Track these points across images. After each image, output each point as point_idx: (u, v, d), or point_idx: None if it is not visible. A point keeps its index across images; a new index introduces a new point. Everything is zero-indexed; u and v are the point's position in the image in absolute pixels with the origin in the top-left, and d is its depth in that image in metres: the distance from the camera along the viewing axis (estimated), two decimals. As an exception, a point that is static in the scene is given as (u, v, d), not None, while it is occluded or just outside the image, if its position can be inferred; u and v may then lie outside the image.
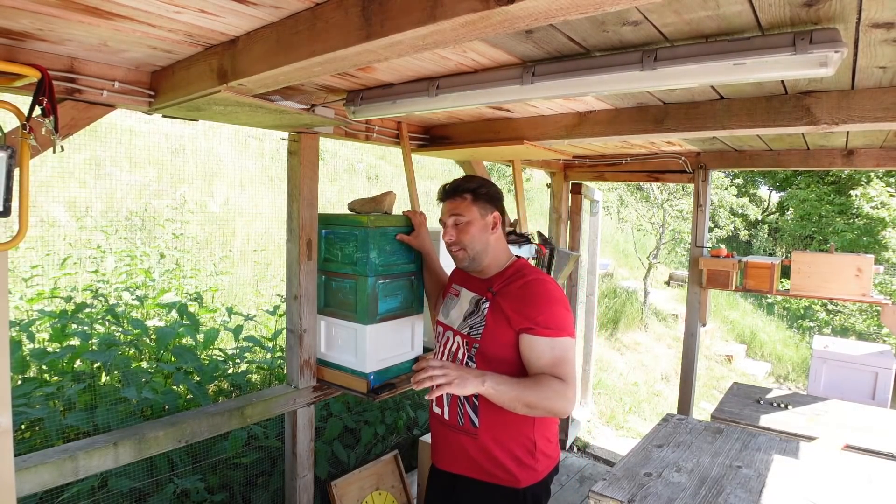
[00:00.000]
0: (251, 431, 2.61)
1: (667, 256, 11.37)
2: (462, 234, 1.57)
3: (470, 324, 1.56)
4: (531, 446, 1.52)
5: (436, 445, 1.68)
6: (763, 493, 1.59)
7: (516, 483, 1.51)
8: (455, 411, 1.57)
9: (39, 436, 2.18)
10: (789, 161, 3.05)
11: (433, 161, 8.69)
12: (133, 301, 3.30)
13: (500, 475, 1.51)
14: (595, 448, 4.27)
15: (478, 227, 1.57)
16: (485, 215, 1.59)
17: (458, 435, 1.57)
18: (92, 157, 4.57)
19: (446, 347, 1.63)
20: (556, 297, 1.49)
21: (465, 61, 1.48)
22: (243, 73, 1.24)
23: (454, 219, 1.59)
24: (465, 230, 1.57)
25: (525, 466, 1.51)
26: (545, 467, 1.56)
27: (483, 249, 1.58)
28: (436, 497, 1.69)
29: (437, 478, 1.68)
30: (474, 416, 1.53)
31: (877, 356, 3.80)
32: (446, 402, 1.60)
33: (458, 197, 1.60)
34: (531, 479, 1.52)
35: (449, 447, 1.61)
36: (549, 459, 1.57)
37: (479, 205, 1.59)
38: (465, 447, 1.55)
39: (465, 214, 1.57)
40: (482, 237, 1.58)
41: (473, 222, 1.57)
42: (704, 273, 3.36)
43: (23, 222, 1.30)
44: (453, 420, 1.58)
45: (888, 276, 9.28)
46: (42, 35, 1.24)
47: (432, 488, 1.72)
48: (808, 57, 1.09)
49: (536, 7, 0.77)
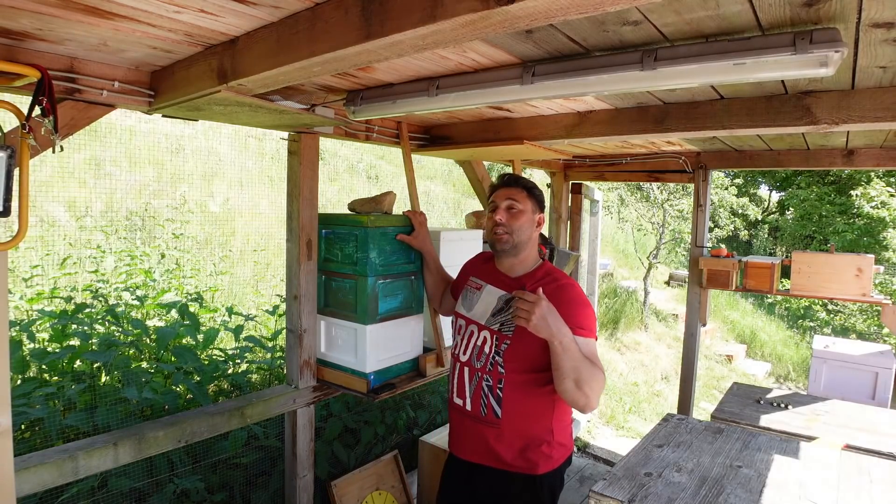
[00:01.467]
0: (251, 431, 2.61)
1: (667, 256, 11.37)
2: (514, 220, 1.64)
3: (500, 320, 1.61)
4: (549, 435, 1.58)
5: (454, 435, 1.74)
6: (763, 493, 1.59)
7: (533, 470, 1.57)
8: (478, 402, 1.63)
9: (39, 436, 2.18)
10: (789, 161, 3.04)
11: (433, 161, 8.69)
12: (133, 301, 3.29)
13: (518, 464, 1.57)
14: (595, 448, 4.27)
15: (528, 219, 1.66)
16: (535, 212, 1.69)
17: (480, 425, 1.62)
18: (92, 157, 4.57)
19: (471, 341, 1.67)
20: (586, 301, 1.58)
21: (465, 61, 1.48)
22: (243, 73, 1.24)
23: (510, 202, 1.65)
24: (518, 217, 1.64)
25: (542, 454, 1.57)
26: (561, 455, 1.62)
27: (525, 241, 1.65)
28: (453, 484, 1.76)
29: (455, 466, 1.75)
30: (498, 407, 1.58)
31: (877, 356, 3.80)
32: (469, 393, 1.65)
33: (516, 187, 1.68)
34: (547, 467, 1.58)
35: (468, 437, 1.66)
36: (564, 448, 1.63)
37: (532, 201, 1.68)
38: (485, 437, 1.61)
39: (521, 203, 1.65)
40: (529, 229, 1.65)
41: (525, 213, 1.65)
42: (704, 273, 3.36)
43: (23, 222, 1.30)
44: (476, 411, 1.63)
45: (888, 276, 9.28)
46: (42, 35, 1.24)
47: (449, 476, 1.78)
48: (809, 57, 1.09)
49: (536, 7, 0.77)
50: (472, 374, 1.65)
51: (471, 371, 1.65)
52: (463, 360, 1.68)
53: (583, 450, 4.23)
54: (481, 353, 1.63)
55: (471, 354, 1.66)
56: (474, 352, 1.65)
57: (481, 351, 1.63)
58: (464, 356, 1.68)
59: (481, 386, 1.62)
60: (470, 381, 1.65)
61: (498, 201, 1.67)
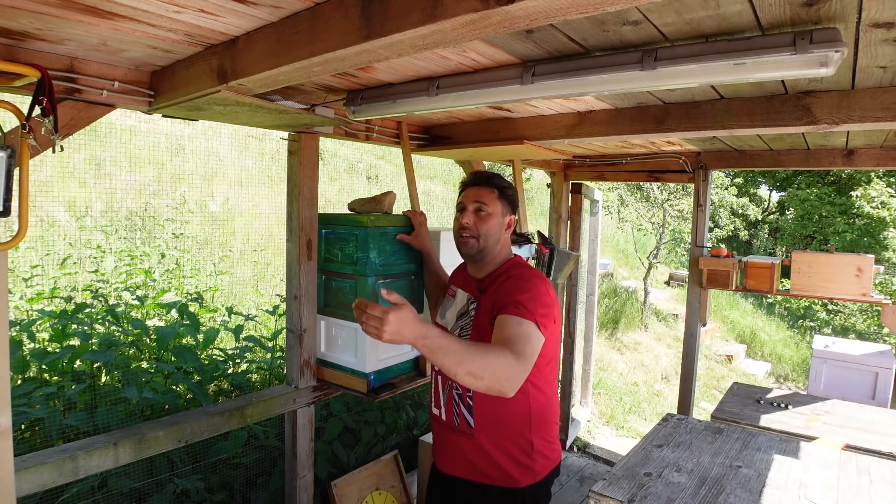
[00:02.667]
0: (251, 431, 2.61)
1: (667, 256, 11.37)
2: (481, 224, 1.57)
3: (461, 324, 1.58)
4: (528, 447, 1.52)
5: (436, 446, 1.70)
6: (763, 492, 1.59)
7: (514, 483, 1.50)
8: (451, 411, 1.58)
9: (39, 436, 2.18)
10: (789, 161, 3.04)
11: (433, 161, 8.69)
12: (133, 301, 3.29)
13: (497, 476, 1.51)
14: (595, 448, 4.27)
15: (496, 222, 1.59)
16: (505, 214, 1.62)
17: (456, 436, 1.57)
18: (92, 157, 4.57)
19: None
20: (538, 289, 1.45)
21: (465, 61, 1.48)
22: (243, 73, 1.24)
23: (477, 205, 1.59)
24: (486, 220, 1.58)
25: (522, 467, 1.51)
26: (543, 468, 1.55)
27: (494, 244, 1.59)
28: (435, 498, 1.70)
29: (437, 479, 1.69)
30: (469, 416, 1.53)
31: (877, 356, 3.80)
32: (443, 402, 1.60)
33: (485, 187, 1.61)
34: (529, 480, 1.52)
35: (447, 449, 1.62)
36: (547, 461, 1.56)
37: (503, 203, 1.61)
38: (462, 448, 1.55)
39: (490, 206, 1.58)
40: (498, 233, 1.59)
41: (494, 216, 1.58)
42: (704, 273, 3.36)
43: (23, 222, 1.30)
44: (450, 420, 1.59)
45: (888, 275, 9.27)
46: (42, 35, 1.24)
47: (432, 489, 1.73)
48: (809, 57, 1.09)
49: (536, 7, 0.77)
50: (444, 382, 1.61)
51: (442, 379, 1.62)
52: (437, 369, 1.64)
53: (583, 450, 4.23)
54: None
55: None
56: None
57: None
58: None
59: (452, 395, 1.57)
60: (443, 388, 1.61)
61: (466, 202, 1.60)
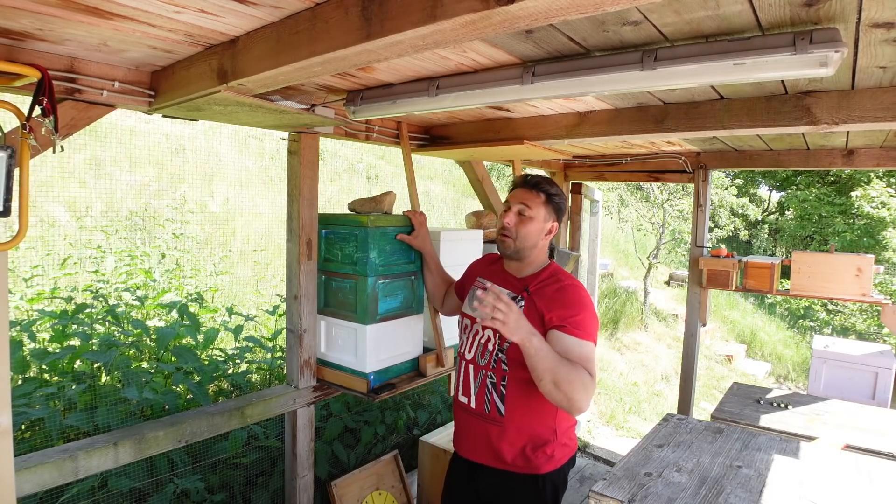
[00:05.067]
0: (251, 431, 2.61)
1: (667, 256, 11.37)
2: (521, 226, 1.61)
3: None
4: (552, 434, 1.58)
5: (459, 433, 1.75)
6: (763, 492, 1.59)
7: (535, 470, 1.57)
8: (482, 399, 1.63)
9: (40, 436, 2.18)
10: (789, 161, 3.04)
11: (433, 161, 8.68)
12: (133, 301, 3.29)
13: (520, 463, 1.58)
14: (595, 448, 4.27)
15: (537, 227, 1.62)
16: (548, 220, 1.64)
17: (483, 423, 1.62)
18: (92, 157, 4.57)
19: (476, 339, 1.68)
20: (588, 304, 1.55)
21: (465, 61, 1.48)
22: (243, 73, 1.24)
23: (521, 207, 1.62)
24: (526, 223, 1.61)
25: (545, 454, 1.58)
26: (563, 455, 1.62)
27: (531, 248, 1.63)
28: (456, 482, 1.77)
29: (459, 464, 1.76)
30: (501, 404, 1.59)
31: (877, 356, 3.80)
32: (474, 391, 1.66)
33: (533, 191, 1.64)
34: (550, 467, 1.58)
35: (472, 435, 1.67)
36: (567, 448, 1.64)
37: (548, 209, 1.64)
38: (488, 435, 1.61)
39: (533, 209, 1.61)
40: (536, 238, 1.62)
41: (536, 220, 1.61)
42: (704, 273, 3.36)
43: (23, 222, 1.30)
44: (480, 408, 1.64)
45: (888, 276, 9.27)
46: (42, 35, 1.24)
47: (453, 474, 1.79)
48: (809, 57, 1.09)
49: (536, 7, 0.77)
50: (476, 372, 1.66)
51: (475, 368, 1.66)
52: (468, 358, 1.69)
53: (583, 450, 4.22)
54: (485, 351, 1.64)
55: (475, 352, 1.66)
56: (478, 350, 1.66)
57: (485, 348, 1.64)
58: (469, 354, 1.69)
59: (485, 383, 1.63)
60: (475, 378, 1.66)
61: (511, 202, 1.65)
